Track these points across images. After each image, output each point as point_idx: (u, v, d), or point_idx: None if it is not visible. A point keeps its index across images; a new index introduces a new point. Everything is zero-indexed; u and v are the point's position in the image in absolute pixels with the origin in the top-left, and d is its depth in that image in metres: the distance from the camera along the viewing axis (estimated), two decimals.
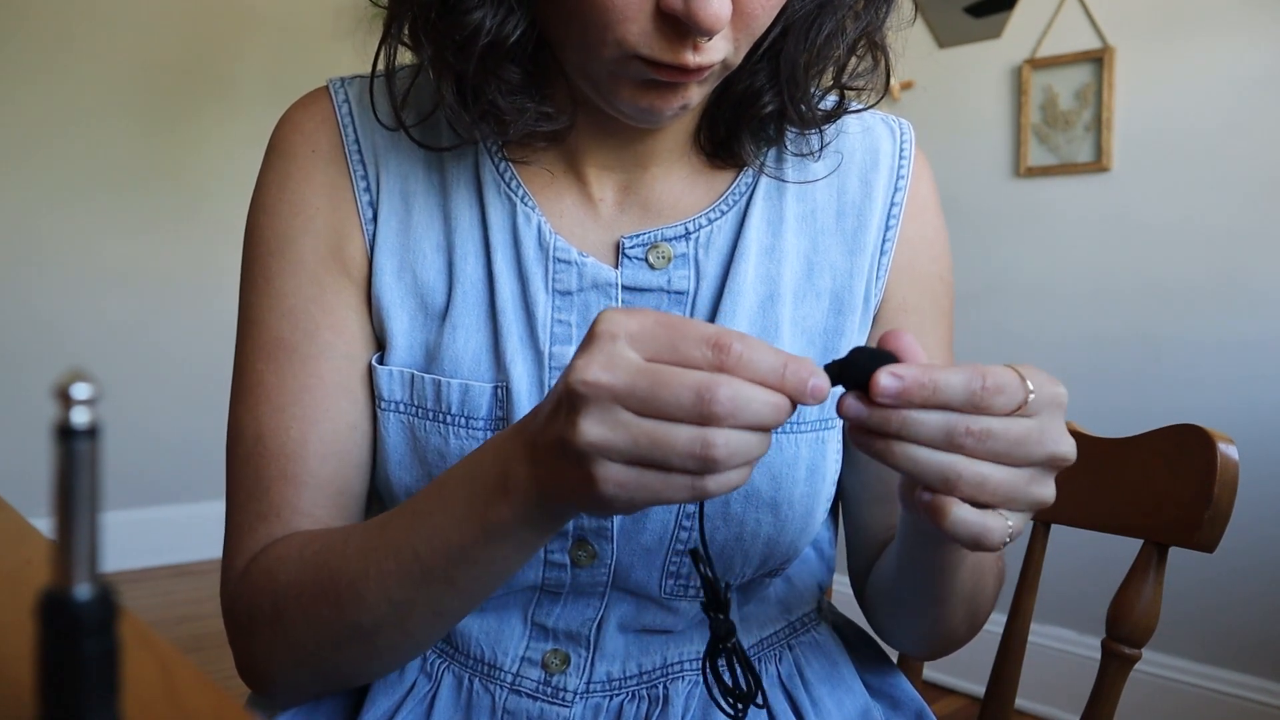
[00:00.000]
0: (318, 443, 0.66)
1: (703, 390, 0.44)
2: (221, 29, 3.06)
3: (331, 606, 0.59)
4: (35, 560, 0.49)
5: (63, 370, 0.49)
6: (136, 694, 0.31)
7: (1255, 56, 1.84)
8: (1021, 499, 0.50)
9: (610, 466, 0.46)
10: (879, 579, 0.75)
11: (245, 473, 0.67)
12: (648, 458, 0.45)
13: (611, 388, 0.45)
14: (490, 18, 0.59)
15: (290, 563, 0.62)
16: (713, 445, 0.44)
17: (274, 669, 0.64)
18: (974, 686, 2.14)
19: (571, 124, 0.66)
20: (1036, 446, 0.49)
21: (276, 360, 0.67)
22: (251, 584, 0.64)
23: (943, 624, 0.70)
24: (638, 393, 0.45)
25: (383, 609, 0.58)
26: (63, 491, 0.26)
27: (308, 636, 0.61)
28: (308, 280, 0.68)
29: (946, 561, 0.62)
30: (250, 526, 0.66)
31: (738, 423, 0.45)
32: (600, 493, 0.46)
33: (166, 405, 2.97)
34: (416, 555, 0.56)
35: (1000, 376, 0.48)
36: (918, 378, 0.47)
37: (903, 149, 0.74)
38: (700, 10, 0.52)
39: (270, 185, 0.70)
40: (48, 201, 2.81)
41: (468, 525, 0.54)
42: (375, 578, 0.57)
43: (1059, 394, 0.50)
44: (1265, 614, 1.82)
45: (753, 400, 0.45)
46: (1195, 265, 1.90)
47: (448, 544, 0.55)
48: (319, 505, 0.66)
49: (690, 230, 0.69)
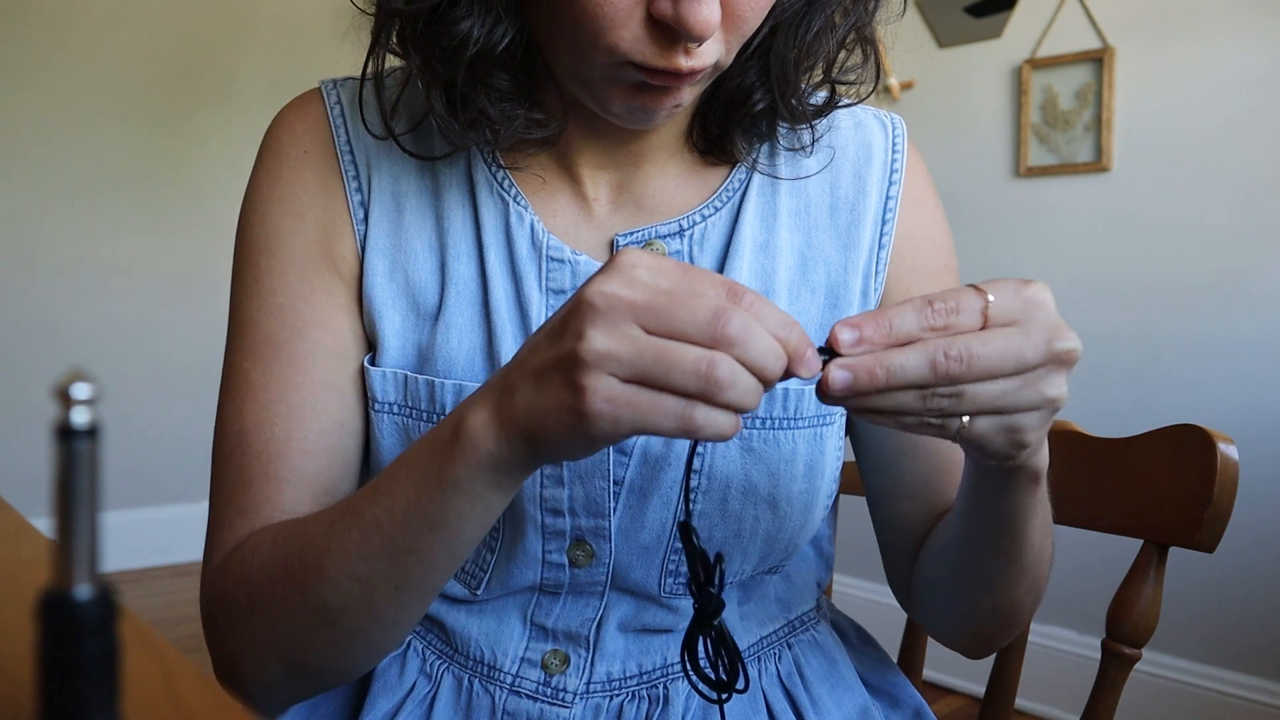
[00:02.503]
0: (302, 440, 0.66)
1: (719, 313, 0.45)
2: (221, 29, 3.07)
3: (298, 588, 0.58)
4: (35, 560, 0.49)
5: (63, 370, 0.49)
6: (136, 694, 0.31)
7: (1255, 56, 1.84)
8: (1030, 403, 0.49)
9: (606, 379, 0.45)
10: (931, 565, 0.73)
11: (228, 469, 0.66)
12: (650, 372, 0.45)
13: (630, 301, 0.45)
14: (479, 27, 0.59)
15: (264, 548, 0.61)
16: (717, 364, 0.44)
17: (247, 664, 0.62)
18: (974, 686, 2.14)
19: (562, 128, 0.66)
20: (1029, 348, 0.48)
21: (264, 358, 0.67)
22: (227, 576, 0.63)
23: (1008, 592, 0.68)
24: (655, 308, 0.45)
25: (345, 584, 0.56)
26: (63, 491, 0.26)
27: (278, 623, 0.59)
28: (297, 278, 0.68)
29: (1016, 510, 0.60)
30: (230, 523, 0.65)
31: (745, 354, 0.45)
32: (587, 408, 0.45)
33: (166, 405, 2.98)
34: (378, 524, 0.55)
35: (949, 295, 0.48)
36: (872, 319, 0.48)
37: (895, 143, 0.74)
38: (691, 17, 0.52)
39: (261, 185, 0.70)
40: (48, 201, 2.81)
41: (425, 485, 0.53)
42: (338, 551, 0.56)
43: (1033, 293, 0.50)
44: (1265, 614, 1.82)
45: (763, 337, 0.45)
46: (1195, 265, 1.90)
47: (407, 508, 0.53)
48: (302, 503, 0.65)
49: (684, 227, 0.69)
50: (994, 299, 0.49)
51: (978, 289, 0.49)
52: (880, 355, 0.47)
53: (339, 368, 0.68)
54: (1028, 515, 0.61)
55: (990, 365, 0.48)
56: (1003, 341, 0.48)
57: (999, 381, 0.48)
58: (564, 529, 0.66)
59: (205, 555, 0.67)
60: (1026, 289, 0.50)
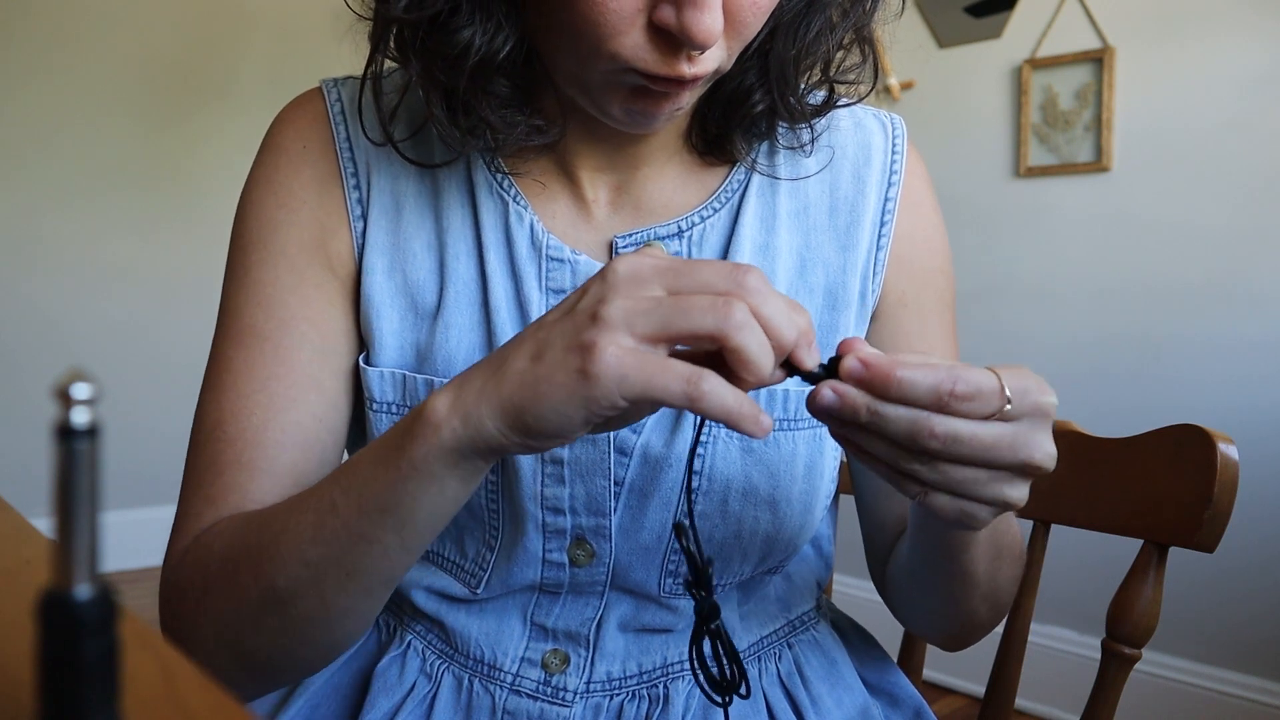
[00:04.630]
0: (278, 431, 0.65)
1: (736, 273, 0.46)
2: (221, 29, 3.07)
3: (251, 571, 0.57)
4: (35, 560, 0.49)
5: (63, 370, 0.49)
6: (136, 694, 0.31)
7: (1255, 56, 1.84)
8: (987, 497, 0.50)
9: (621, 336, 0.45)
10: (896, 568, 0.76)
11: (201, 457, 0.65)
12: (670, 320, 0.45)
13: (654, 266, 0.47)
14: (480, 35, 0.58)
15: (225, 534, 0.60)
16: (734, 305, 0.45)
17: (197, 654, 0.60)
18: (974, 686, 2.14)
19: (562, 134, 0.66)
20: (1008, 453, 0.48)
21: (248, 347, 0.67)
22: (186, 564, 0.62)
23: (961, 606, 0.70)
24: (676, 269, 0.46)
25: (296, 569, 0.55)
26: (63, 491, 0.26)
27: (228, 608, 0.58)
28: (287, 270, 0.68)
29: (956, 542, 0.62)
30: (197, 511, 0.64)
31: (762, 306, 0.46)
32: (594, 366, 0.44)
33: (166, 405, 2.97)
34: (334, 506, 0.54)
35: (974, 382, 0.47)
36: (887, 369, 0.47)
37: (895, 144, 0.74)
38: (694, 25, 0.52)
39: (259, 179, 0.70)
40: (48, 201, 2.81)
41: (382, 466, 0.52)
42: (293, 532, 0.55)
43: (1045, 403, 0.49)
44: (1265, 614, 1.82)
45: (779, 297, 0.46)
46: (1195, 265, 1.90)
47: (362, 491, 0.53)
48: (273, 494, 0.64)
49: (683, 228, 0.69)
50: (1011, 406, 0.48)
51: (1001, 384, 0.48)
52: (874, 400, 0.47)
53: (324, 362, 0.67)
54: (968, 544, 0.63)
55: (968, 454, 0.48)
56: (990, 439, 0.48)
57: (969, 469, 0.49)
58: (565, 527, 0.66)
59: (169, 543, 0.65)
60: (1045, 396, 0.49)
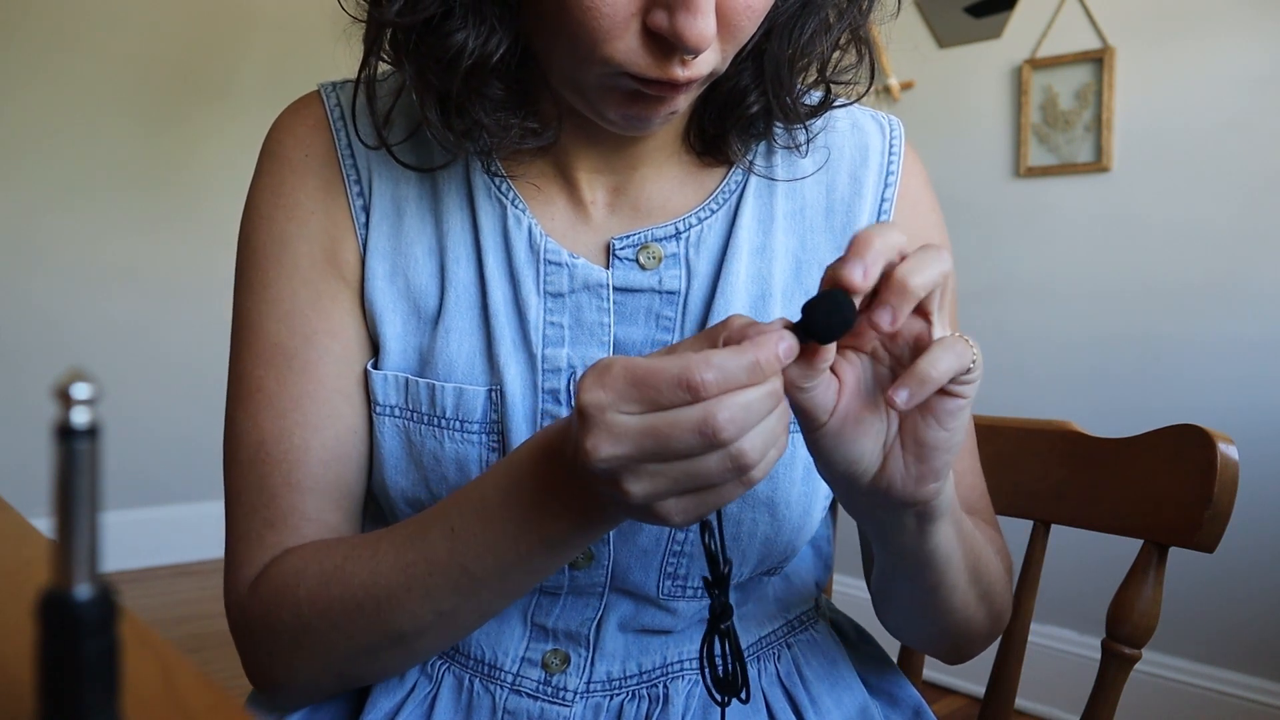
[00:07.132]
0: (320, 448, 0.67)
1: (703, 427, 0.45)
2: (221, 29, 3.07)
3: (370, 618, 0.60)
4: (35, 560, 0.49)
5: (63, 370, 0.49)
6: (136, 694, 0.31)
7: (1255, 56, 1.83)
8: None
9: (668, 503, 0.48)
10: (875, 588, 0.74)
11: (248, 480, 0.67)
12: (694, 486, 0.47)
13: (629, 456, 0.47)
14: (473, 38, 0.58)
15: (309, 576, 0.62)
16: (744, 454, 0.46)
17: (297, 677, 0.65)
18: (974, 686, 2.14)
19: (558, 136, 0.66)
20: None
21: (275, 366, 0.67)
22: (267, 597, 0.64)
23: (949, 615, 0.68)
24: (650, 451, 0.46)
25: (428, 618, 0.60)
26: (63, 491, 0.26)
27: (340, 646, 0.62)
28: (302, 284, 0.68)
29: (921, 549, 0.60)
30: (258, 535, 0.66)
31: (749, 428, 0.46)
32: (669, 522, 0.49)
33: (166, 405, 2.97)
34: (465, 570, 0.58)
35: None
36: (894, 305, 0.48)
37: (892, 145, 0.74)
38: (687, 30, 0.52)
39: (264, 190, 0.70)
40: (48, 201, 2.81)
41: (523, 541, 0.56)
42: (420, 591, 0.59)
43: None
44: (1265, 614, 1.82)
45: (749, 404, 0.46)
46: (1195, 265, 1.90)
47: (501, 559, 0.57)
48: (324, 510, 0.67)
49: (680, 230, 0.69)
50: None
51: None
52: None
53: (348, 373, 0.68)
54: (933, 554, 0.60)
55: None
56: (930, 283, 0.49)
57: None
58: None
59: (232, 567, 0.67)
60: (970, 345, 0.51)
